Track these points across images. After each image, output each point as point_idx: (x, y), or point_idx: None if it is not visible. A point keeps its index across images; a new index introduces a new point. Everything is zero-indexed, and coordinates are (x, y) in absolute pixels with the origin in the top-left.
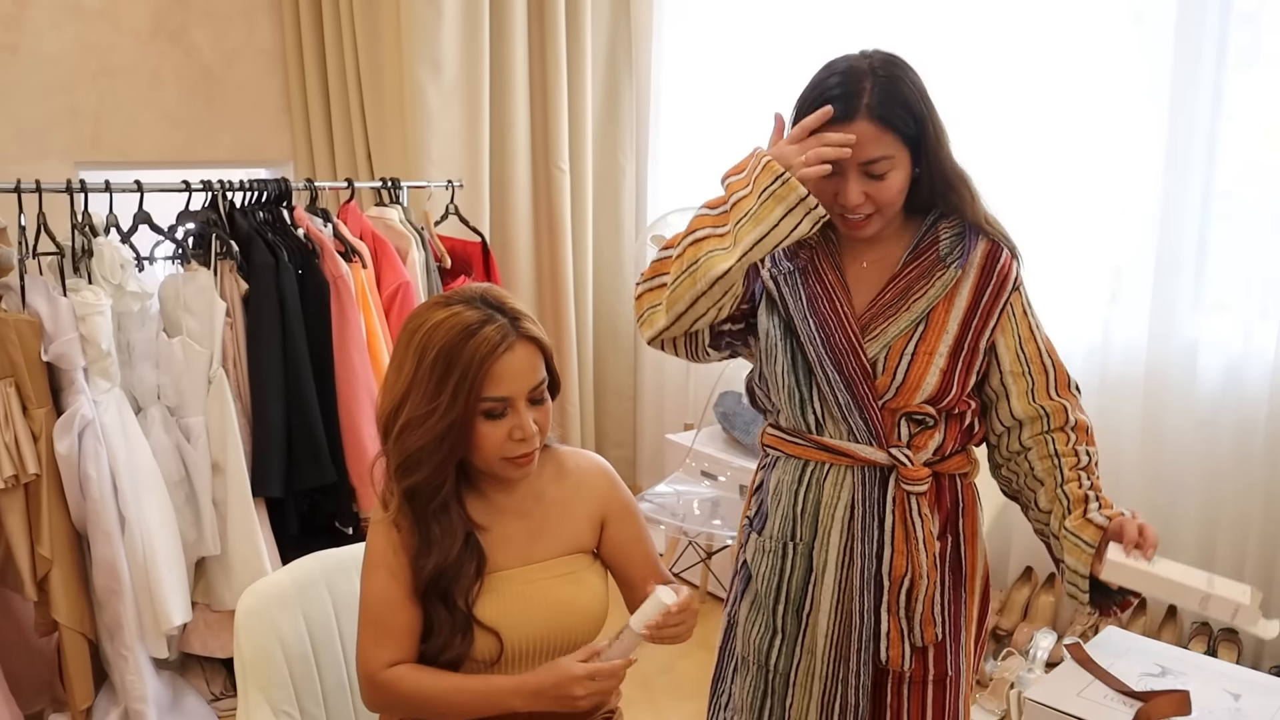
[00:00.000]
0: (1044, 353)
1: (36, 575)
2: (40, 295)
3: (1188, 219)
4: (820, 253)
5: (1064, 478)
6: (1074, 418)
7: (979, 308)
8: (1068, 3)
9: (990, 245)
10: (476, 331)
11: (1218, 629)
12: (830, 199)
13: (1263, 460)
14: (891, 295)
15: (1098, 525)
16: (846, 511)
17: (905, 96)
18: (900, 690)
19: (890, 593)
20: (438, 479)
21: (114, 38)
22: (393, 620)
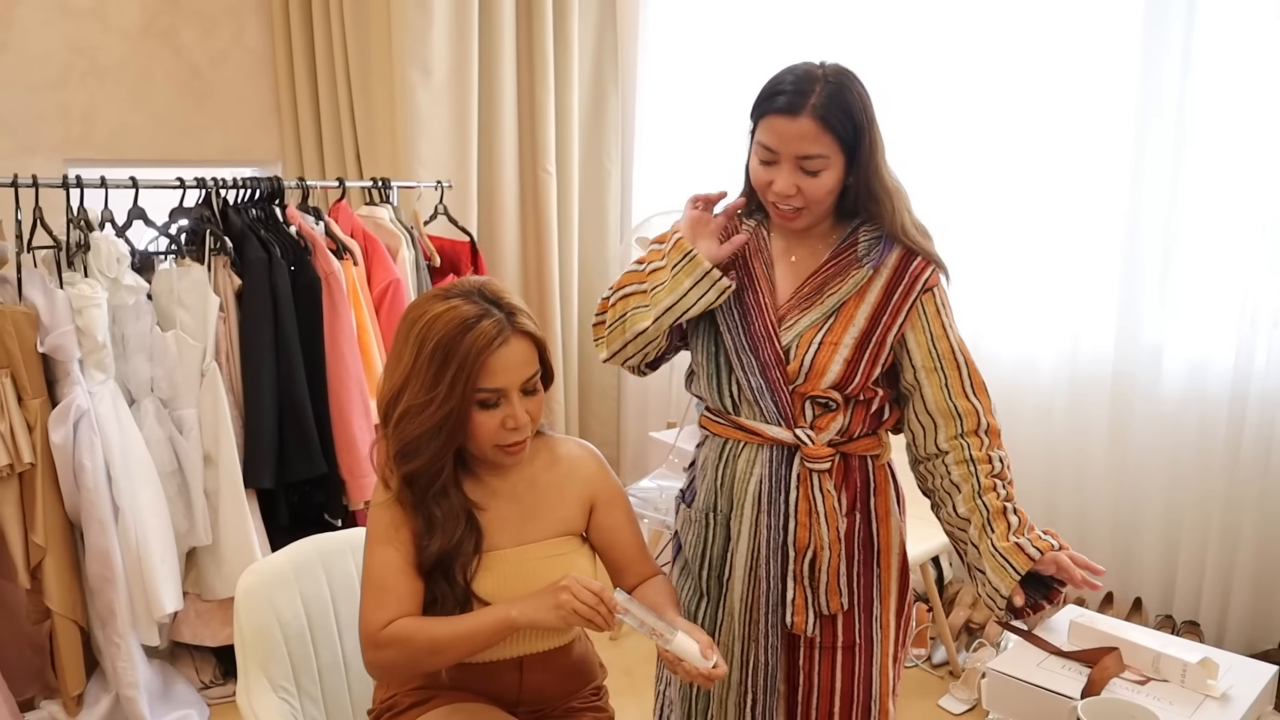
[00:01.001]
0: (956, 350)
1: (30, 563)
2: (37, 288)
3: (1154, 224)
4: (751, 247)
5: (980, 486)
6: (985, 420)
7: (888, 305)
8: (1035, 10)
9: (906, 251)
10: (474, 325)
11: (1181, 620)
12: (765, 186)
13: (1222, 462)
14: (809, 289)
15: (1028, 555)
16: (757, 486)
17: (849, 104)
18: (811, 654)
19: (795, 562)
20: (436, 464)
21: (103, 37)
22: (394, 584)
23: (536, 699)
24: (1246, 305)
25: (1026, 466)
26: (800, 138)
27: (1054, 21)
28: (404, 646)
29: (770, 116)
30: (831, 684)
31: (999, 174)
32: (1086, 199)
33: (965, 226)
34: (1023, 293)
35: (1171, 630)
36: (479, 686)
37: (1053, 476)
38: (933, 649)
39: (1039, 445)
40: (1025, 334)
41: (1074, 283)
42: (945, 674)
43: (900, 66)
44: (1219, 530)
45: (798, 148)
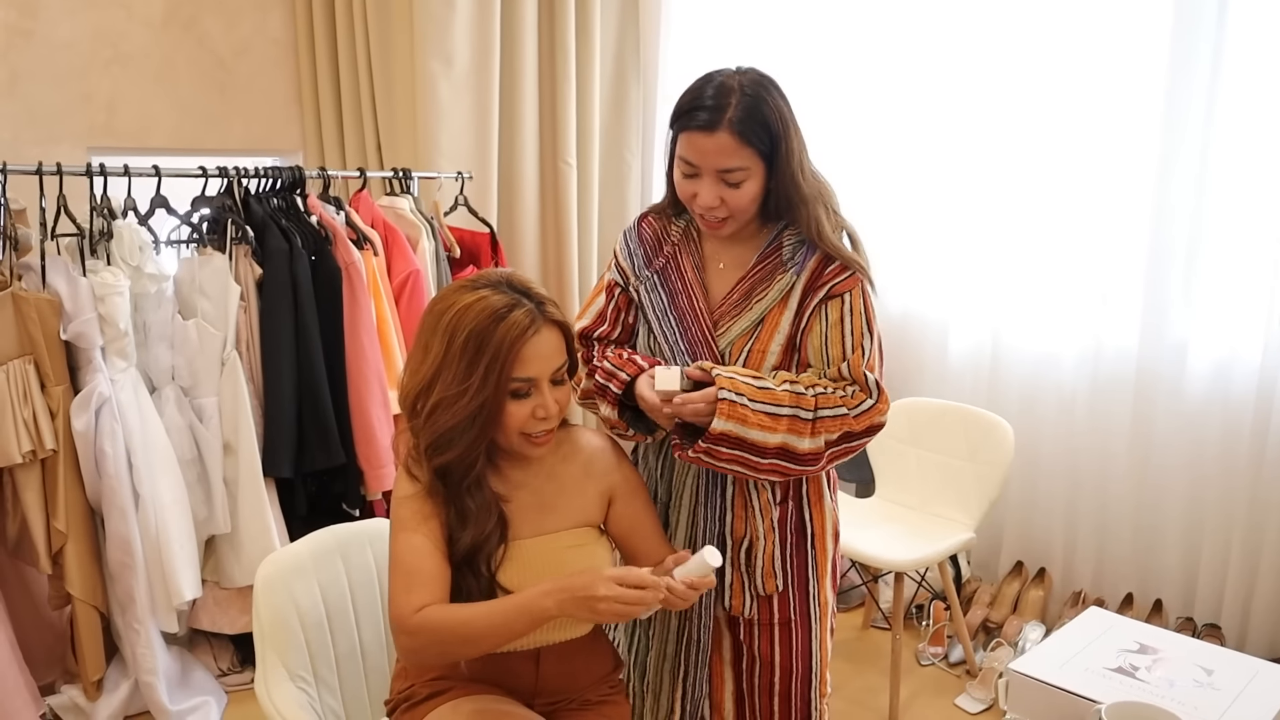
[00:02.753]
0: (846, 357)
1: (51, 549)
2: (60, 275)
3: (1180, 221)
4: (682, 250)
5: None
6: (852, 390)
7: (803, 308)
8: (1064, 9)
9: (824, 255)
10: (506, 315)
11: (1202, 623)
12: (690, 198)
13: (1247, 463)
14: (738, 295)
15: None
16: (695, 481)
17: (765, 116)
18: (751, 631)
19: (732, 550)
20: (470, 456)
21: (127, 25)
22: (423, 568)
23: (553, 690)
24: (1273, 303)
25: (1048, 465)
26: (719, 152)
27: (1082, 18)
28: (437, 634)
29: (689, 132)
30: (771, 657)
31: (1025, 170)
32: (1112, 195)
33: (991, 223)
34: (1046, 289)
35: (1192, 633)
36: (496, 678)
37: (1074, 475)
38: (950, 648)
39: (1060, 443)
40: (1048, 330)
41: (1098, 279)
42: (962, 673)
43: (926, 64)
44: (1242, 531)
45: (717, 161)
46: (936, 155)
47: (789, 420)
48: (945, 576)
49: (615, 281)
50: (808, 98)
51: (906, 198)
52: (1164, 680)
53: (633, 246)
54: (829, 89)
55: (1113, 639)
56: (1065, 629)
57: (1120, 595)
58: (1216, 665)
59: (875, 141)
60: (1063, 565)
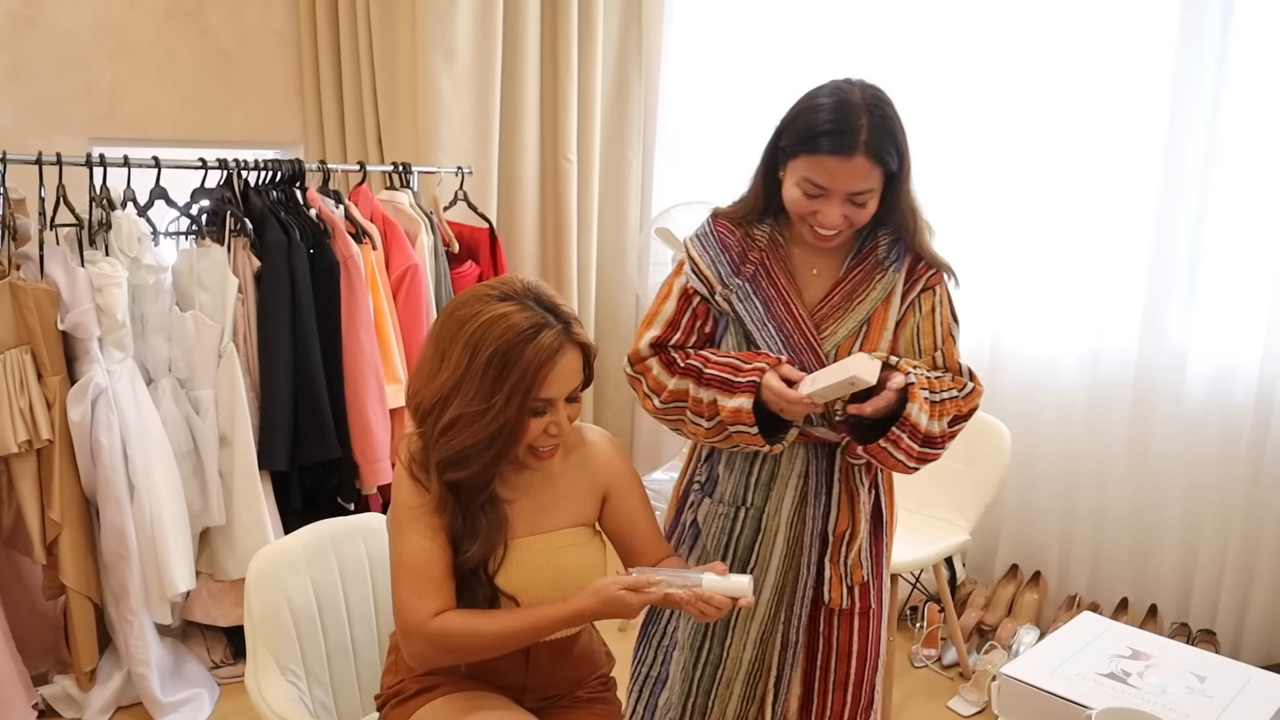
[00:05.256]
0: (938, 347)
1: (46, 539)
2: (58, 265)
3: (1181, 226)
4: (770, 257)
5: None
6: (950, 375)
7: (903, 305)
8: (1067, 11)
9: (917, 255)
10: (534, 337)
11: (1197, 629)
12: (808, 215)
13: (1245, 469)
14: (839, 298)
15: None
16: (800, 481)
17: (895, 135)
18: (832, 621)
19: (833, 546)
20: (486, 474)
21: (131, 15)
22: (432, 571)
23: (543, 688)
24: (1273, 310)
25: (1045, 468)
26: (853, 176)
27: (1086, 21)
28: (457, 640)
29: (820, 156)
30: (849, 647)
31: (1026, 173)
32: (1114, 200)
33: (992, 226)
34: (1047, 293)
35: (1187, 638)
36: (486, 675)
37: (1072, 479)
38: (943, 650)
39: (1059, 447)
40: (1048, 334)
41: (1099, 284)
42: (955, 675)
43: (928, 66)
44: (1239, 538)
45: (849, 185)
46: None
47: (930, 404)
48: (940, 579)
49: (694, 290)
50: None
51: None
52: (1156, 687)
53: (714, 254)
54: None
55: (1105, 644)
56: (1058, 634)
57: (1115, 600)
58: (1209, 672)
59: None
60: (1058, 569)
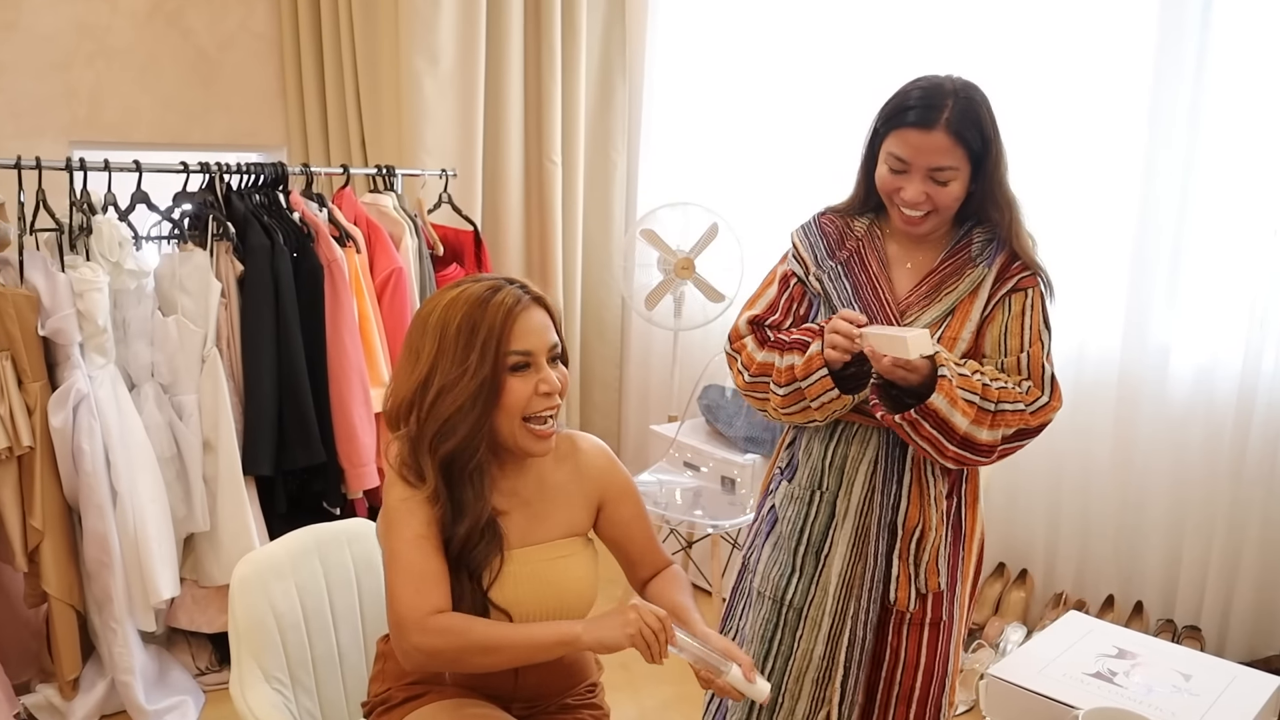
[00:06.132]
0: (1025, 349)
1: (27, 547)
2: (38, 270)
3: (1163, 226)
4: (866, 245)
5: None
6: (1026, 385)
7: (990, 300)
8: (1049, 13)
9: (1012, 254)
10: (492, 297)
11: (1182, 625)
12: (894, 192)
13: (1228, 466)
14: (927, 288)
15: (931, 359)
16: (870, 466)
17: (980, 118)
18: (901, 629)
19: (902, 541)
20: (474, 438)
21: (111, 18)
22: (430, 570)
23: (532, 695)
24: (1255, 308)
25: (1030, 466)
26: (934, 150)
27: (1067, 22)
28: (458, 638)
29: (903, 130)
30: (917, 659)
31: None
32: (1097, 199)
33: None
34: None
35: (1173, 635)
36: (474, 682)
37: (1057, 477)
38: None
39: (1043, 445)
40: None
41: (1082, 283)
42: None
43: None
44: (1223, 535)
45: (930, 160)
46: None
47: (977, 410)
48: None
49: (792, 272)
50: (794, 97)
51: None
52: (1142, 685)
53: (813, 239)
54: (816, 90)
55: (1091, 643)
56: (1044, 633)
57: (1101, 597)
58: (1194, 670)
59: (862, 144)
60: (1044, 567)
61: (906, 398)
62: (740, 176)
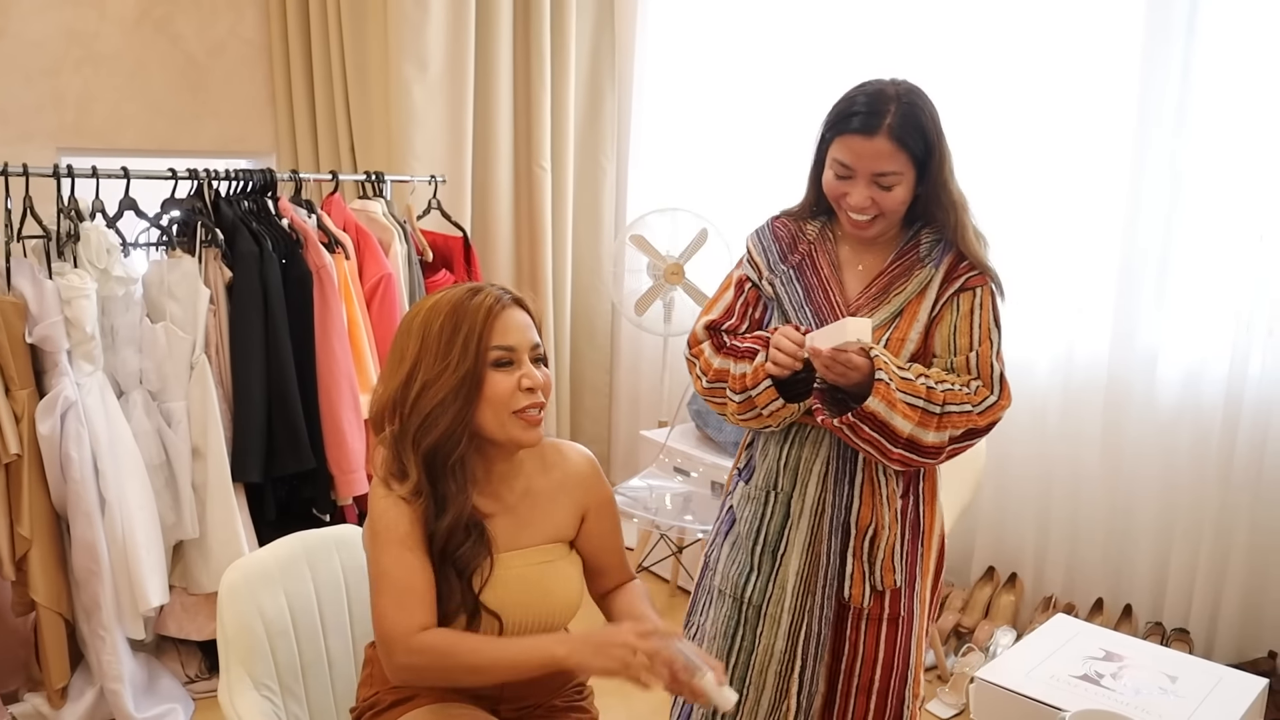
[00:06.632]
0: (973, 348)
1: (15, 555)
2: (25, 278)
3: (1151, 231)
4: (818, 249)
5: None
6: (975, 385)
7: (939, 300)
8: (1036, 15)
9: (959, 253)
10: (473, 297)
11: (1171, 628)
12: (840, 198)
13: (1216, 470)
14: (876, 289)
15: (870, 359)
16: (823, 467)
17: (922, 123)
18: (859, 625)
19: (855, 539)
20: (455, 430)
21: (99, 24)
22: (415, 584)
23: (519, 698)
24: (1242, 312)
25: (1020, 471)
26: (877, 156)
27: (1055, 25)
28: (443, 658)
29: (846, 136)
30: (875, 654)
31: (997, 178)
32: (1084, 204)
33: None
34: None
35: (1161, 638)
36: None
37: (1046, 481)
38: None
39: (1033, 450)
40: (1021, 338)
41: (1070, 288)
42: (934, 678)
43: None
44: (1211, 538)
45: (874, 165)
46: None
47: (921, 413)
48: None
49: (746, 277)
50: (782, 104)
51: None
52: (1129, 688)
53: (766, 243)
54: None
55: (1079, 646)
56: (1032, 637)
57: (1091, 600)
58: (1181, 672)
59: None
60: (1034, 570)
61: (851, 401)
62: (729, 182)
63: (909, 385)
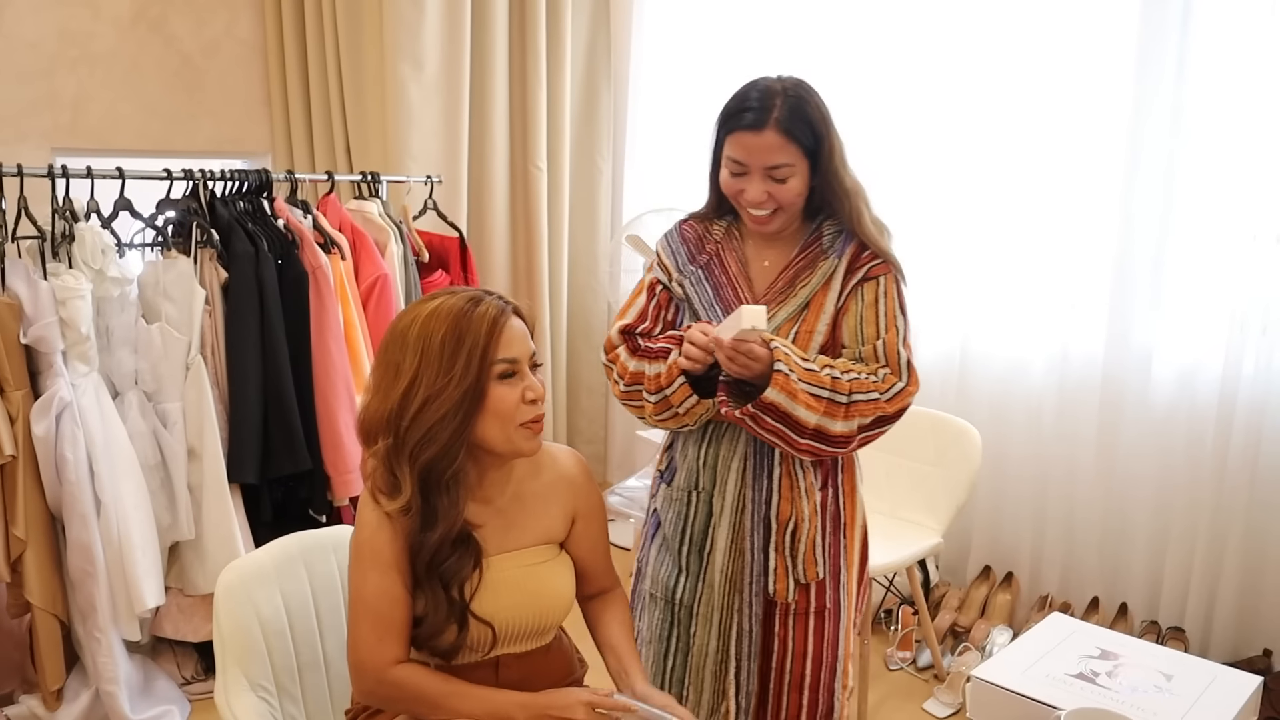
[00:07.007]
0: (880, 337)
1: (10, 556)
2: (20, 278)
3: (1145, 231)
4: (725, 247)
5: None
6: (883, 373)
7: (844, 291)
8: (1030, 16)
9: (862, 244)
10: (474, 307)
11: (1166, 626)
12: (737, 194)
13: (1210, 468)
14: (783, 283)
15: (770, 350)
16: (741, 464)
17: (809, 115)
18: (787, 620)
19: (777, 534)
20: (454, 445)
21: (94, 25)
22: (395, 615)
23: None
24: (1236, 312)
25: (1015, 470)
26: (767, 150)
27: (1049, 25)
28: (409, 699)
29: (738, 132)
30: (804, 647)
31: (992, 178)
32: (1079, 204)
33: (958, 230)
34: (1014, 297)
35: (1157, 636)
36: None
37: (1041, 481)
38: (918, 652)
39: (1028, 450)
40: (1016, 338)
41: (1065, 288)
42: (930, 677)
43: (892, 70)
44: (1206, 536)
45: (765, 159)
46: (905, 162)
47: (827, 403)
48: (913, 581)
49: (656, 280)
50: None
51: (875, 204)
52: (1125, 686)
53: (675, 245)
54: None
55: (1075, 645)
56: (1028, 636)
57: (1086, 599)
58: (1176, 670)
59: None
60: (1030, 570)
61: (756, 393)
62: None
63: (812, 376)
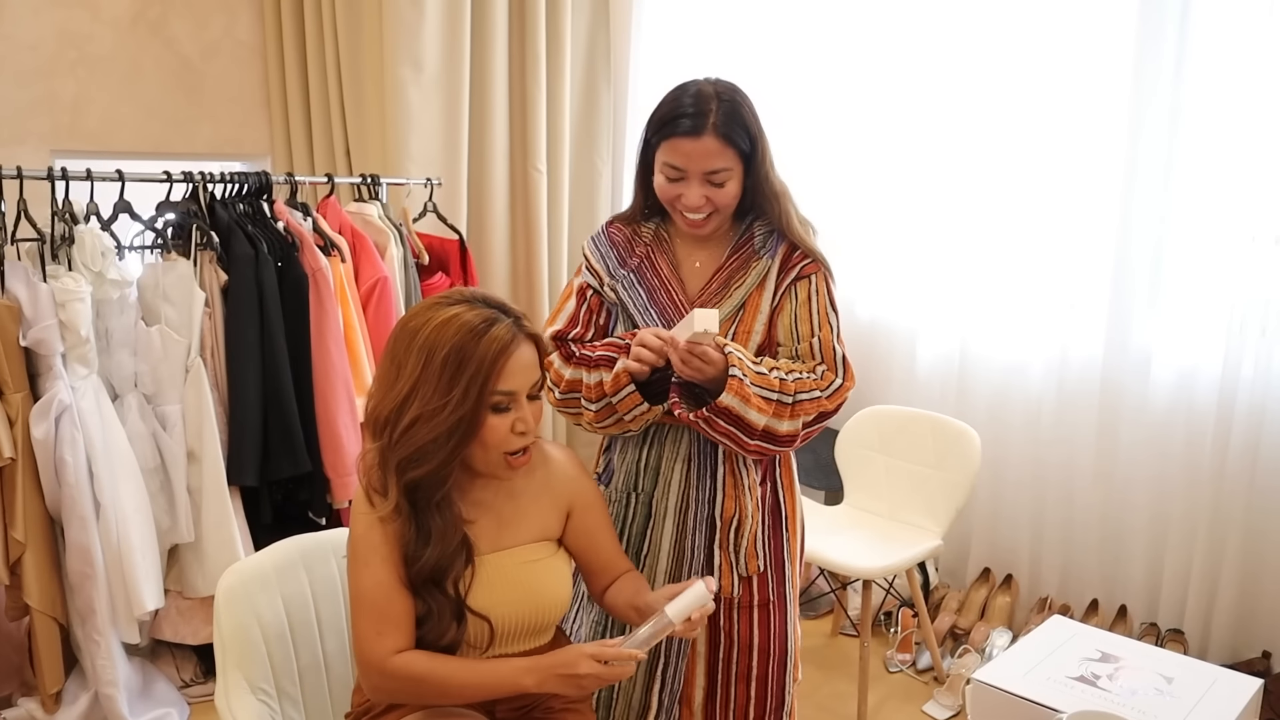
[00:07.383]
0: (815, 335)
1: (9, 559)
2: (20, 281)
3: (1144, 232)
4: (655, 251)
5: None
6: (821, 370)
7: (778, 290)
8: (1029, 17)
9: (792, 244)
10: (486, 331)
11: (1165, 629)
12: (674, 199)
13: (1209, 471)
14: (717, 284)
15: (725, 356)
16: (685, 465)
17: (744, 119)
18: (731, 614)
19: (721, 531)
20: (443, 471)
21: (93, 26)
22: (392, 608)
23: (515, 699)
24: (1234, 314)
25: (1014, 473)
26: (706, 155)
27: (1048, 27)
28: (416, 684)
29: (675, 139)
30: (750, 640)
31: (990, 180)
32: (1078, 206)
33: (957, 232)
34: (1013, 299)
35: (1156, 639)
36: None
37: (1040, 484)
38: (918, 654)
39: (1027, 452)
40: (1015, 341)
41: (1064, 290)
42: (930, 679)
43: (891, 71)
44: (1205, 539)
45: (704, 164)
46: (904, 164)
47: (775, 405)
48: (913, 583)
49: (586, 284)
50: (777, 105)
51: (874, 206)
52: (1125, 689)
53: (604, 249)
54: (797, 97)
55: (1075, 647)
56: (1028, 638)
57: (1086, 601)
58: (1176, 673)
59: (843, 150)
60: (1029, 572)
61: (707, 396)
62: None
63: (763, 379)
